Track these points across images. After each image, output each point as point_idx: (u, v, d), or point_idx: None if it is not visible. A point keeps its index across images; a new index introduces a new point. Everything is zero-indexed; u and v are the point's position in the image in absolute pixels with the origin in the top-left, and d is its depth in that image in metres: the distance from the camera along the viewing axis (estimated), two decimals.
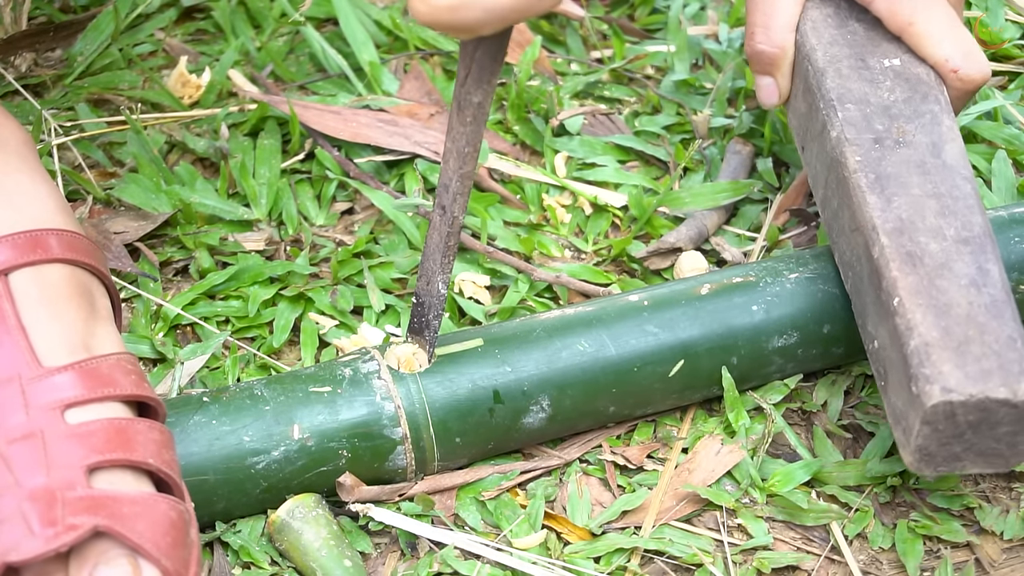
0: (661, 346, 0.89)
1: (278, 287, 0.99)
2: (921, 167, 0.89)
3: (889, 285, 0.83)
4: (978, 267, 0.84)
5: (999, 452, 0.80)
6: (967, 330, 0.80)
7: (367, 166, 1.08)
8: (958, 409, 0.78)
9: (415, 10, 0.70)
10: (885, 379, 0.84)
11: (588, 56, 1.19)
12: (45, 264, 0.79)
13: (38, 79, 1.13)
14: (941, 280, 0.83)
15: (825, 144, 0.92)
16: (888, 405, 0.84)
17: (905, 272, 0.83)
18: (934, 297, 0.82)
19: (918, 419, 0.79)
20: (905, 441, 0.81)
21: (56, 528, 0.71)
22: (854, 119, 0.91)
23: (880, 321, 0.85)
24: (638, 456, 0.91)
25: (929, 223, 0.86)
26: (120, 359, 0.79)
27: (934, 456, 0.80)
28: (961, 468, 0.81)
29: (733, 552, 0.86)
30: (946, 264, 0.84)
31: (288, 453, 0.84)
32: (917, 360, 0.80)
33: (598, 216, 1.06)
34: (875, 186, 0.88)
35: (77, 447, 0.74)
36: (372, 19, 1.18)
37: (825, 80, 0.94)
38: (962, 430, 0.79)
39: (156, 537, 0.73)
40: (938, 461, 0.80)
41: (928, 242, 0.85)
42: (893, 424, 0.83)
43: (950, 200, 0.87)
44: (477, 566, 0.84)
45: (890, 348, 0.83)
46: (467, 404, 0.86)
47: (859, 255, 0.88)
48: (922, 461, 0.81)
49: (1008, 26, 1.20)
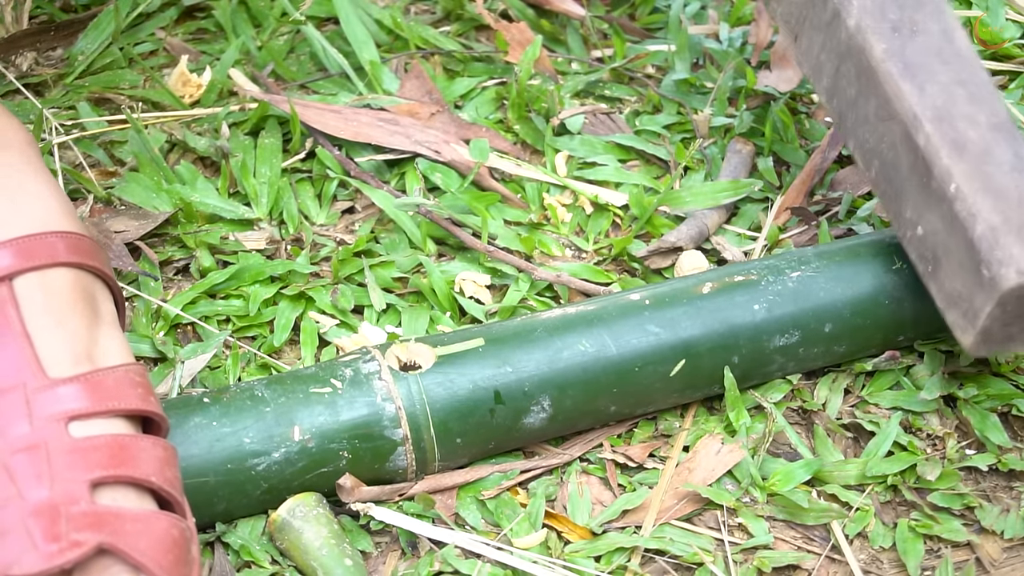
0: (662, 346, 0.89)
1: (279, 286, 0.99)
2: (940, 55, 0.90)
3: (942, 172, 0.85)
4: (1014, 152, 0.86)
5: None
6: (1022, 214, 0.83)
7: (368, 165, 1.08)
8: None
9: None
10: (934, 264, 0.86)
11: (589, 55, 1.19)
12: (50, 268, 0.79)
13: (39, 78, 1.13)
14: (987, 166, 0.85)
15: (838, 32, 0.93)
16: (939, 290, 0.86)
17: (955, 159, 0.85)
18: (986, 183, 0.84)
19: (991, 301, 0.81)
20: (967, 324, 0.83)
21: (60, 544, 0.71)
22: (869, 7, 0.92)
23: (928, 207, 0.86)
24: (639, 455, 0.91)
25: (962, 110, 0.87)
26: (128, 371, 0.79)
27: (993, 336, 0.83)
28: (1010, 348, 0.84)
29: (734, 551, 0.86)
30: (988, 151, 0.85)
31: (289, 454, 0.84)
32: (987, 244, 0.81)
33: (599, 215, 1.06)
34: (906, 74, 0.89)
35: (81, 461, 0.74)
36: (373, 18, 1.18)
37: None
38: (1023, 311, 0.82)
39: (158, 556, 0.73)
40: (995, 341, 0.83)
41: (967, 129, 0.86)
42: (947, 307, 0.85)
43: (974, 87, 0.89)
44: (478, 565, 0.84)
45: (945, 233, 0.85)
46: (468, 405, 0.86)
47: (893, 143, 0.89)
48: (982, 342, 0.83)
49: (1008, 26, 1.20)
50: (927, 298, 0.90)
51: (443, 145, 1.09)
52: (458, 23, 1.20)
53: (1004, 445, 0.92)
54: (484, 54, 1.17)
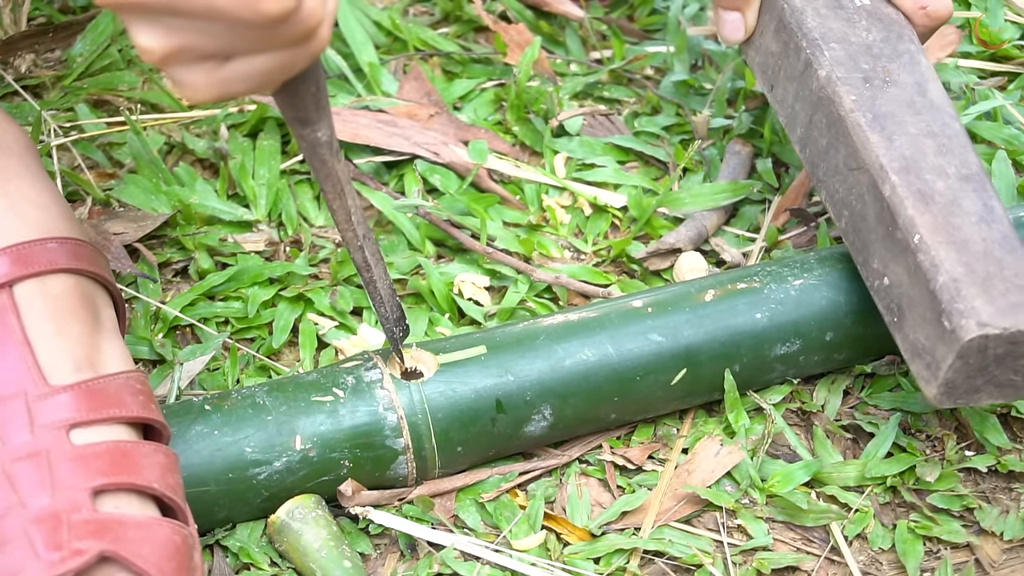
0: (664, 354, 0.89)
1: (277, 288, 0.99)
2: (911, 106, 0.90)
3: (907, 223, 0.85)
4: (983, 204, 0.86)
5: (1014, 383, 0.83)
6: (987, 266, 0.83)
7: (366, 167, 1.08)
8: (991, 342, 0.80)
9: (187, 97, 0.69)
10: (900, 315, 0.86)
11: (588, 57, 1.19)
12: (49, 275, 0.78)
13: (37, 80, 1.13)
14: (954, 218, 0.85)
15: (810, 83, 0.93)
16: (903, 341, 0.86)
17: (920, 210, 0.85)
18: (951, 234, 0.84)
19: (952, 353, 0.81)
20: (930, 376, 0.83)
21: (62, 552, 0.71)
22: (841, 58, 0.92)
23: (893, 258, 0.86)
24: (638, 457, 0.91)
25: (931, 162, 0.87)
26: (129, 378, 0.79)
27: (957, 388, 0.82)
28: (977, 400, 0.83)
29: (733, 553, 0.86)
30: (955, 201, 0.85)
31: (290, 464, 0.83)
32: (948, 296, 0.81)
33: (598, 217, 1.06)
34: (874, 125, 0.89)
35: (82, 469, 0.74)
36: (371, 20, 1.18)
37: (805, 19, 0.95)
38: (988, 363, 0.81)
39: (161, 562, 0.73)
40: (959, 393, 0.83)
41: (934, 180, 0.86)
42: (912, 359, 0.85)
43: (944, 139, 0.89)
44: (476, 567, 0.84)
45: (909, 285, 0.85)
46: (469, 414, 0.86)
47: (861, 194, 0.89)
48: (945, 394, 0.83)
49: (1008, 26, 1.20)
50: None
51: (442, 147, 1.09)
52: (457, 24, 1.20)
53: (1003, 446, 0.92)
54: (483, 56, 1.17)
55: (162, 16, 0.64)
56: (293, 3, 0.64)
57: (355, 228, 0.81)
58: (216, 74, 0.67)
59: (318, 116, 0.75)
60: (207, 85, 0.68)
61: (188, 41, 0.65)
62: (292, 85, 0.72)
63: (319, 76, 0.73)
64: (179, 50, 0.66)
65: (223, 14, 0.64)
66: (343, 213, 0.80)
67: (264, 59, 0.67)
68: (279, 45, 0.67)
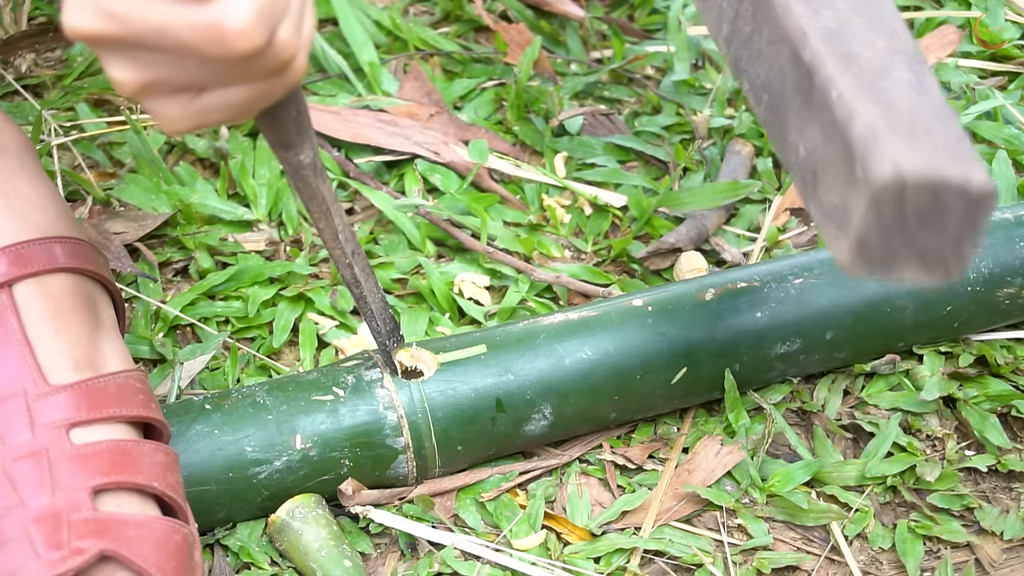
0: (664, 353, 0.89)
1: (278, 287, 0.99)
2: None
3: (824, 82, 0.75)
4: (916, 75, 0.76)
5: (941, 255, 0.72)
6: (913, 125, 0.72)
7: (367, 166, 1.08)
8: (909, 190, 0.69)
9: (164, 128, 0.69)
10: (814, 181, 0.76)
11: (588, 56, 1.19)
12: (49, 275, 0.79)
13: (38, 79, 1.13)
14: (880, 81, 0.75)
15: None
16: (817, 207, 0.75)
17: (841, 70, 0.75)
18: (876, 95, 0.74)
19: (863, 202, 0.70)
20: (840, 235, 0.72)
21: (62, 552, 0.71)
22: None
23: (809, 123, 0.77)
24: (638, 456, 0.91)
25: (860, 35, 0.78)
26: (129, 378, 0.79)
27: (871, 250, 0.71)
28: (898, 273, 0.72)
29: (733, 552, 0.86)
30: (884, 69, 0.76)
31: (290, 463, 0.84)
32: (864, 144, 0.71)
33: (598, 216, 1.06)
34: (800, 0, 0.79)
35: (82, 468, 0.74)
36: (372, 19, 1.18)
37: None
38: (907, 218, 0.70)
39: (161, 561, 0.73)
40: (875, 258, 0.71)
41: (862, 49, 0.77)
42: (823, 224, 0.74)
43: (875, 19, 0.79)
44: (477, 567, 0.84)
45: (824, 144, 0.75)
46: (470, 413, 0.86)
47: (781, 67, 0.80)
48: (858, 256, 0.72)
49: (1008, 26, 1.20)
50: (928, 305, 0.89)
51: (442, 146, 1.09)
52: (457, 24, 1.20)
53: (1004, 446, 0.92)
54: (483, 55, 1.17)
55: (134, 51, 0.64)
56: (263, 39, 0.63)
57: (343, 246, 0.81)
58: (192, 106, 0.67)
59: (300, 139, 0.74)
60: (183, 117, 0.67)
61: (162, 74, 0.65)
62: (272, 111, 0.72)
63: (299, 101, 0.73)
64: (153, 83, 0.66)
65: (193, 51, 0.63)
66: (330, 232, 0.80)
67: (239, 90, 0.67)
68: (254, 78, 0.66)
